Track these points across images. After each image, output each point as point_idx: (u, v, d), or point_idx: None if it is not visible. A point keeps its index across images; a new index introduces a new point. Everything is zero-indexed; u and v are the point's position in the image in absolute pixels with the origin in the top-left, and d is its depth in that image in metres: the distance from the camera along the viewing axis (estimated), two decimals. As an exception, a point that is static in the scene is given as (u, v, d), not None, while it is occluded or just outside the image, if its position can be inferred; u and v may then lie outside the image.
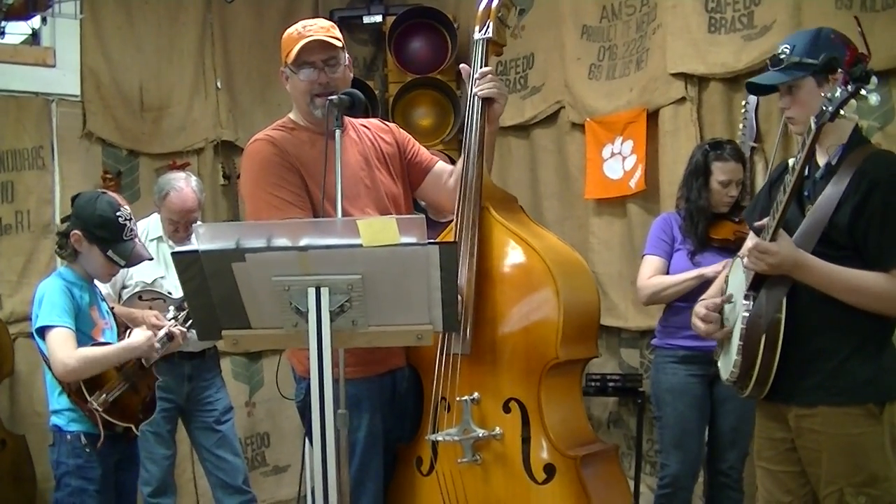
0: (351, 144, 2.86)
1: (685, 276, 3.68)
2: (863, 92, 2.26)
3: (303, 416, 2.86)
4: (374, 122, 3.07)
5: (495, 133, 2.95)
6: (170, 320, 3.33)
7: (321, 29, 2.78)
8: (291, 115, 2.88)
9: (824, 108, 2.29)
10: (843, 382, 2.42)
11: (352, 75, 2.90)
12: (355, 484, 2.70)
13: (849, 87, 2.26)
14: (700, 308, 2.65)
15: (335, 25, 2.85)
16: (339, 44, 2.79)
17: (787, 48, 2.53)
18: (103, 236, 3.08)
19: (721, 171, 3.71)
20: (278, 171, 2.71)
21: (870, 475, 2.40)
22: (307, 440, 2.33)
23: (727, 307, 2.60)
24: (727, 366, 2.55)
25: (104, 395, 3.02)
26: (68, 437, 3.04)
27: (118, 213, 3.09)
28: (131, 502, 3.28)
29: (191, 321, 3.39)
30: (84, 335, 3.06)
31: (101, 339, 3.12)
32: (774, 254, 2.38)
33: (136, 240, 3.17)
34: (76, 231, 3.10)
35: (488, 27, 2.87)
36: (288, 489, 5.25)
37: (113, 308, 3.33)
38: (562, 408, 2.80)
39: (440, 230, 2.95)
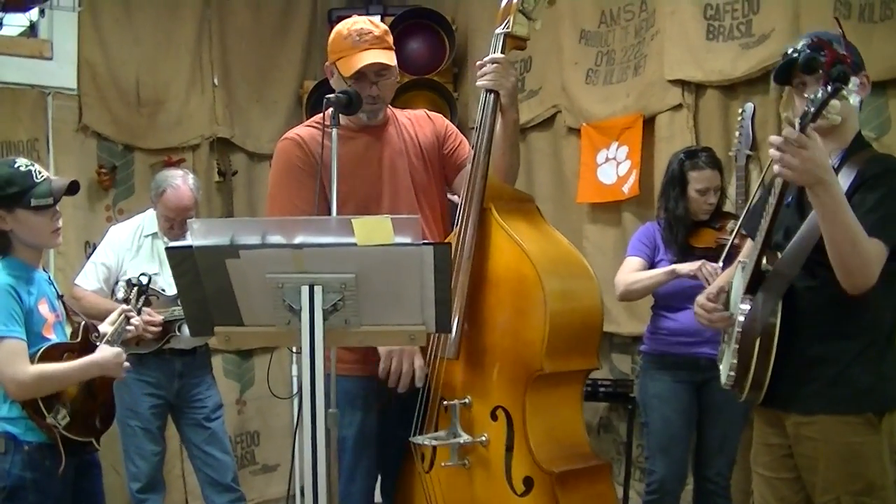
0: (386, 143, 2.88)
1: (657, 271, 3.71)
2: (843, 92, 2.23)
3: None
4: (419, 113, 3.06)
5: (511, 125, 2.82)
6: (122, 301, 3.16)
7: (377, 40, 2.78)
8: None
9: (807, 108, 2.27)
10: (843, 391, 2.40)
11: (397, 78, 2.93)
12: (346, 479, 2.70)
13: (828, 88, 2.24)
14: (701, 298, 2.63)
15: (388, 31, 2.85)
16: (394, 60, 2.80)
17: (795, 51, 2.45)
18: (17, 191, 2.74)
19: (697, 180, 3.72)
20: (299, 175, 2.80)
21: (867, 484, 2.39)
22: (297, 438, 2.32)
23: (730, 305, 2.59)
24: (725, 370, 2.54)
25: (64, 410, 2.77)
26: (26, 447, 2.75)
27: (16, 165, 2.78)
28: None
29: (144, 298, 3.28)
30: (35, 335, 2.76)
31: (53, 337, 2.82)
32: (811, 148, 2.20)
33: (51, 177, 2.83)
34: None
35: (508, 22, 2.81)
36: (277, 488, 5.24)
37: (62, 297, 3.01)
38: (549, 420, 2.72)
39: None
